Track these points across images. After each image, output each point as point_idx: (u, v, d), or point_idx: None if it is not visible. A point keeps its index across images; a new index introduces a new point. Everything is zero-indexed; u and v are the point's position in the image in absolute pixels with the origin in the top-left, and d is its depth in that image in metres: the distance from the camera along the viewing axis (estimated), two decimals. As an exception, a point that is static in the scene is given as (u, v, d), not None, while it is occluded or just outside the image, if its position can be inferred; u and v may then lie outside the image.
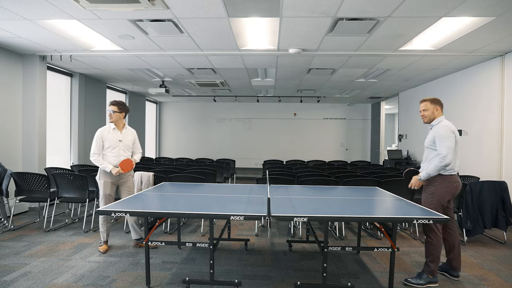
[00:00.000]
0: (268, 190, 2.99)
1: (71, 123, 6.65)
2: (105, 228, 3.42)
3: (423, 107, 2.87)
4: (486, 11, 3.40)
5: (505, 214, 3.80)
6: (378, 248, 2.66)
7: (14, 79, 5.18)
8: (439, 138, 2.69)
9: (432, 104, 2.84)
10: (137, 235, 3.52)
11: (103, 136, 3.40)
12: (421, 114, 2.91)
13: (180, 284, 2.65)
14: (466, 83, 5.94)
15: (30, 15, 3.66)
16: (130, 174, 3.58)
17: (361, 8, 3.41)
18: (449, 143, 2.64)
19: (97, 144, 3.36)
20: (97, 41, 4.63)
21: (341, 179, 4.45)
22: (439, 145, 2.68)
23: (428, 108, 2.84)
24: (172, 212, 2.43)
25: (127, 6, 3.34)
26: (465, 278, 2.87)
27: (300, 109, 11.38)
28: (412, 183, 2.88)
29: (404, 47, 4.70)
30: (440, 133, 2.71)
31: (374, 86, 7.78)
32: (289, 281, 2.75)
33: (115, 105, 3.44)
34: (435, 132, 2.76)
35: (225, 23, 3.86)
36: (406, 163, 7.83)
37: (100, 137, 3.39)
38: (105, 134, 3.41)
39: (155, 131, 11.60)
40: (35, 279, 2.70)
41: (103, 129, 3.44)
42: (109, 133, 3.42)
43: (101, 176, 3.41)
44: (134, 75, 6.93)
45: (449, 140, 2.65)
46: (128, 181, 3.55)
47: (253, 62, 5.75)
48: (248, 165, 11.24)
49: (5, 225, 4.24)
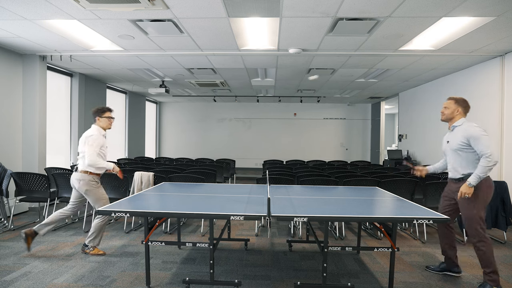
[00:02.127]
0: (268, 190, 2.99)
1: (71, 123, 6.65)
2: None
3: (446, 105, 2.83)
4: (486, 11, 3.40)
5: (505, 214, 3.80)
6: (378, 248, 2.66)
7: (14, 79, 5.18)
8: (475, 139, 2.60)
9: (455, 104, 2.80)
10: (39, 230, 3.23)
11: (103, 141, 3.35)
12: (441, 110, 2.88)
13: (180, 284, 2.65)
14: (466, 83, 5.94)
15: (30, 15, 3.66)
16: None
17: (361, 8, 3.41)
18: (487, 141, 2.58)
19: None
20: (97, 41, 4.63)
21: (341, 179, 4.45)
22: (479, 146, 2.57)
23: (449, 107, 2.80)
24: (172, 212, 2.43)
25: (127, 6, 3.34)
26: (465, 278, 2.87)
27: (300, 109, 11.38)
28: (463, 191, 2.59)
29: (404, 47, 4.70)
30: (475, 134, 2.62)
31: (374, 86, 7.78)
32: (289, 281, 2.75)
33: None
34: (466, 133, 2.67)
35: (225, 23, 3.86)
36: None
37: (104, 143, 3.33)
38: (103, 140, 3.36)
39: (155, 131, 11.60)
40: (35, 279, 2.70)
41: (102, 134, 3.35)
42: (103, 138, 3.36)
43: (97, 183, 3.31)
44: (134, 75, 6.93)
45: (487, 139, 2.59)
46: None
47: (253, 62, 5.75)
48: (248, 165, 11.24)
49: (5, 225, 4.24)
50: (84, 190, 3.23)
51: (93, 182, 3.25)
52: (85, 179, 3.22)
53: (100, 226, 3.27)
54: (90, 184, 3.23)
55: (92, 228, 3.27)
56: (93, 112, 3.36)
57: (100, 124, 3.35)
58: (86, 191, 3.24)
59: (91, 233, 3.27)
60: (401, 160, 8.06)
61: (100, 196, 3.30)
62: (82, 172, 3.23)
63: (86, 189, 3.23)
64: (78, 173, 3.25)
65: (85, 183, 3.22)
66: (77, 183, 3.24)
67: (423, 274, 2.94)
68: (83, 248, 3.32)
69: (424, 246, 3.71)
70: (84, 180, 3.22)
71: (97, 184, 3.30)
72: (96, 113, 3.34)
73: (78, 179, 3.23)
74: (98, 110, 3.36)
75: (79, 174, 3.24)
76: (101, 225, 3.27)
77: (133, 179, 4.32)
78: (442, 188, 3.94)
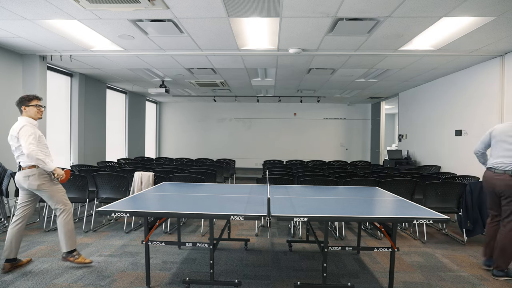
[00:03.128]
0: (268, 190, 2.99)
1: (71, 123, 6.65)
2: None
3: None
4: (486, 11, 3.40)
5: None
6: (378, 248, 2.66)
7: (14, 79, 5.18)
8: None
9: None
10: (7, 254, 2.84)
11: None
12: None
13: (180, 284, 2.65)
14: (466, 83, 5.94)
15: (30, 15, 3.66)
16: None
17: (361, 8, 3.41)
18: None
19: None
20: (97, 41, 4.63)
21: (341, 179, 4.45)
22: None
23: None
24: (172, 212, 2.43)
25: (127, 6, 3.34)
26: (465, 278, 2.87)
27: (300, 109, 11.38)
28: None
29: (404, 47, 4.70)
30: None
31: (374, 86, 7.78)
32: (289, 281, 2.75)
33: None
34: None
35: (225, 23, 3.86)
36: (406, 163, 7.83)
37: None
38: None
39: (155, 131, 11.61)
40: (35, 279, 2.70)
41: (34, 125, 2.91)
42: (37, 129, 2.93)
43: (50, 176, 2.92)
44: (134, 75, 6.93)
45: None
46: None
47: (253, 62, 5.75)
48: (248, 165, 11.24)
49: (5, 225, 4.24)
50: (36, 185, 2.82)
51: (44, 175, 2.86)
52: (34, 173, 2.82)
53: (67, 223, 2.92)
54: (41, 178, 2.84)
55: (59, 229, 2.92)
56: (17, 103, 2.89)
57: (27, 114, 2.89)
58: (38, 186, 2.83)
59: (60, 236, 2.92)
60: (401, 160, 8.06)
61: (57, 190, 2.94)
62: (28, 168, 2.82)
63: (38, 184, 2.83)
64: (23, 171, 2.83)
65: (35, 178, 2.82)
66: (25, 181, 2.83)
67: (423, 274, 2.94)
68: (66, 256, 2.95)
69: (424, 246, 3.71)
70: (34, 175, 2.82)
71: (49, 177, 2.90)
72: (21, 103, 2.89)
73: (25, 176, 2.82)
74: (23, 99, 2.89)
75: (25, 171, 2.83)
76: (67, 221, 2.91)
77: (133, 179, 4.32)
78: (442, 188, 3.96)
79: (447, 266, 3.12)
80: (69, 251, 2.96)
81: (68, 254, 2.96)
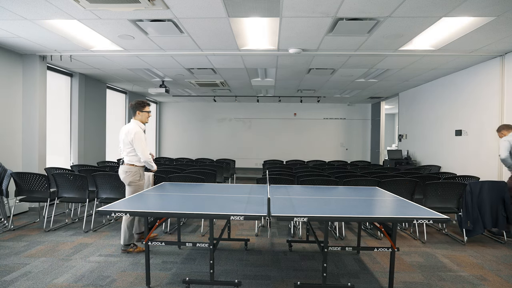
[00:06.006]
0: (268, 190, 2.99)
1: (71, 123, 6.65)
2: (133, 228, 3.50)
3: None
4: (486, 11, 3.40)
5: (505, 213, 3.80)
6: (378, 248, 2.66)
7: (14, 79, 5.18)
8: None
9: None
10: (125, 240, 3.37)
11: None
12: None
13: (180, 284, 2.65)
14: (466, 83, 5.94)
15: (30, 15, 3.66)
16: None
17: (361, 8, 3.41)
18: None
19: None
20: (97, 41, 4.63)
21: (341, 179, 4.45)
22: None
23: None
24: (172, 212, 2.43)
25: (127, 6, 3.34)
26: (465, 278, 2.87)
27: (300, 109, 11.38)
28: None
29: (404, 47, 4.70)
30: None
31: (374, 86, 7.78)
32: (289, 281, 2.75)
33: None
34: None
35: (225, 23, 3.86)
36: (406, 163, 7.83)
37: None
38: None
39: (155, 131, 11.60)
40: (35, 279, 2.70)
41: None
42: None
43: (141, 176, 3.52)
44: (134, 75, 6.93)
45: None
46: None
47: (253, 62, 5.75)
48: (248, 165, 11.24)
49: (5, 225, 4.24)
50: (128, 181, 3.42)
51: (137, 174, 3.47)
52: (131, 171, 3.43)
53: (125, 222, 3.34)
54: (134, 176, 3.45)
55: (123, 224, 3.36)
56: (133, 106, 3.51)
57: (140, 118, 3.53)
58: (130, 182, 3.42)
59: (122, 232, 3.35)
60: (401, 160, 8.06)
61: (139, 189, 3.47)
62: (129, 165, 3.44)
63: (130, 181, 3.43)
64: (125, 166, 3.45)
65: (131, 174, 3.43)
66: (121, 174, 3.47)
67: (423, 274, 2.94)
68: (125, 248, 3.36)
69: (424, 246, 3.71)
70: (131, 172, 3.43)
71: (140, 177, 3.50)
72: (137, 108, 3.50)
73: (124, 171, 3.43)
74: (139, 104, 3.51)
75: (126, 166, 3.44)
76: (131, 219, 3.36)
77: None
78: (442, 188, 3.96)
79: (447, 266, 3.12)
80: (127, 243, 3.37)
81: (127, 246, 3.36)
